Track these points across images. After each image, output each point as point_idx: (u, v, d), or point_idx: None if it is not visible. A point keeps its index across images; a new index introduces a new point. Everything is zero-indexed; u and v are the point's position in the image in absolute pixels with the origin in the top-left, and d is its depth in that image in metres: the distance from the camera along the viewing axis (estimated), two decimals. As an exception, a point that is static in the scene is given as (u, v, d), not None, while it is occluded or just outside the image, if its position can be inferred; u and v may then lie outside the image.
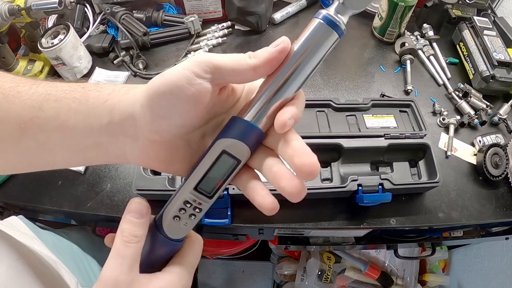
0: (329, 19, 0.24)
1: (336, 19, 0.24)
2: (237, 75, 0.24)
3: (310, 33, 0.24)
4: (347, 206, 0.62)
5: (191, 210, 0.28)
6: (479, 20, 0.84)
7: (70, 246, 0.65)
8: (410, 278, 1.20)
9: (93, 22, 0.85)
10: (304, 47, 0.24)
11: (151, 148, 0.26)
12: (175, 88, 0.23)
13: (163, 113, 0.24)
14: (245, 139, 0.25)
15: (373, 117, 0.67)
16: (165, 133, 0.25)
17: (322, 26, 0.24)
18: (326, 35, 0.24)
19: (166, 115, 0.24)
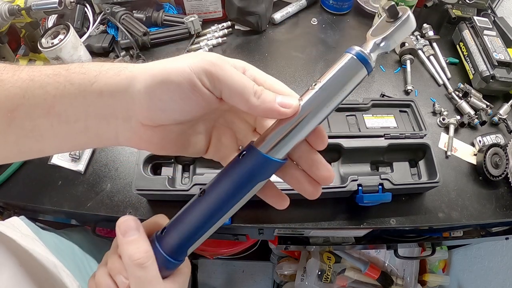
0: (362, 56, 0.25)
1: (369, 56, 0.25)
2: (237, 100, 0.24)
3: (342, 67, 0.25)
4: (347, 206, 0.62)
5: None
6: (479, 20, 0.84)
7: (71, 247, 0.65)
8: (410, 278, 1.20)
9: (93, 22, 0.85)
10: (335, 80, 0.25)
11: (143, 131, 0.26)
12: (179, 88, 0.23)
13: (161, 106, 0.24)
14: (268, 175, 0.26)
15: (373, 117, 0.67)
16: (160, 122, 0.25)
17: (354, 61, 0.25)
18: (357, 71, 0.25)
19: (164, 108, 0.24)
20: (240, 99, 0.24)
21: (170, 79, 0.23)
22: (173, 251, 0.27)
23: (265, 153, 0.25)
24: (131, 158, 0.67)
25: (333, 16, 0.95)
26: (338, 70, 0.25)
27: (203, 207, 0.26)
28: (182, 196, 0.56)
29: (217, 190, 0.26)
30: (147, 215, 0.61)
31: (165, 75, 0.23)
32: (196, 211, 0.27)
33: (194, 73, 0.23)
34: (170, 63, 0.24)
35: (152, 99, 0.24)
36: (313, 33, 0.91)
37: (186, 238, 0.27)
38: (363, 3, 0.95)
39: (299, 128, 0.25)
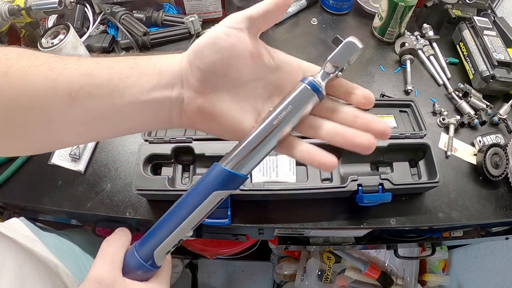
0: (313, 84, 0.28)
1: (319, 85, 0.28)
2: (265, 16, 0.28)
3: (296, 95, 0.28)
4: (347, 206, 0.62)
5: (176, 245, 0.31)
6: (479, 20, 0.84)
7: (71, 248, 0.65)
8: (410, 278, 1.20)
9: (93, 22, 0.85)
10: (289, 107, 0.28)
11: (195, 99, 0.28)
12: (215, 39, 0.27)
13: (207, 61, 0.27)
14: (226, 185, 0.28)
15: (373, 117, 0.67)
16: (211, 83, 0.28)
17: (307, 90, 0.28)
18: (308, 97, 0.28)
19: (210, 63, 0.27)
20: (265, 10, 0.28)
21: (205, 37, 0.27)
22: (145, 255, 0.31)
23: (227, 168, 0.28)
24: (131, 158, 0.67)
25: (333, 16, 0.95)
26: (293, 97, 0.28)
27: (167, 213, 0.30)
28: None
29: (180, 199, 0.30)
30: (147, 215, 0.61)
31: (202, 38, 0.27)
32: (162, 217, 0.31)
33: (221, 25, 0.27)
34: (209, 30, 0.28)
35: (197, 60, 0.27)
36: (313, 33, 0.91)
37: (153, 242, 0.30)
38: (363, 3, 0.95)
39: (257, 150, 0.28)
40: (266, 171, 0.61)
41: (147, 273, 0.32)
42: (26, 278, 0.39)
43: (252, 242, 1.18)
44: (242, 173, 0.28)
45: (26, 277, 0.39)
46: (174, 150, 0.61)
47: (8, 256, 0.39)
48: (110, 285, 0.29)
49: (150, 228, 0.31)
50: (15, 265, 0.39)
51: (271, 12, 0.28)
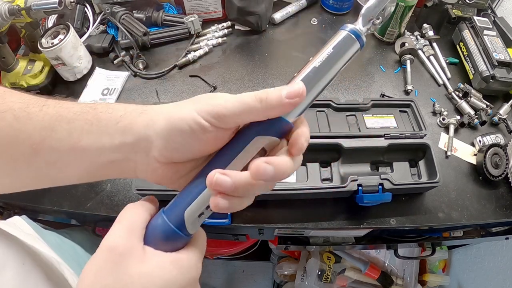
0: (356, 32, 0.27)
1: (361, 32, 0.28)
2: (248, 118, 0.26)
3: (338, 42, 0.27)
4: (347, 206, 0.62)
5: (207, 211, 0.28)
6: (479, 20, 0.84)
7: (73, 247, 0.65)
8: (410, 278, 1.20)
9: (93, 22, 0.85)
10: (332, 53, 0.27)
11: (159, 167, 0.28)
12: (192, 133, 0.26)
13: (176, 147, 0.27)
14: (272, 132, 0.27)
15: (373, 117, 0.67)
16: (174, 160, 0.28)
17: (349, 37, 0.27)
18: (351, 44, 0.28)
19: (179, 149, 0.27)
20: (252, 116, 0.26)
21: (182, 124, 0.26)
22: (174, 218, 0.27)
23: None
24: (131, 158, 0.67)
25: (333, 16, 0.95)
26: (335, 45, 0.27)
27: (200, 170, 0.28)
28: (182, 196, 0.56)
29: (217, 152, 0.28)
30: (147, 215, 0.61)
31: (178, 120, 0.26)
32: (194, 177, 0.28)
33: (202, 117, 0.26)
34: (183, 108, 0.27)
35: (167, 141, 0.26)
36: (313, 33, 0.91)
37: (183, 202, 0.27)
38: (363, 3, 0.95)
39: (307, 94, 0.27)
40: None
41: (176, 241, 0.28)
42: (29, 274, 0.39)
43: (252, 242, 1.18)
44: (288, 119, 0.27)
45: (28, 273, 0.39)
46: (174, 150, 0.61)
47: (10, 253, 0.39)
48: (125, 253, 0.25)
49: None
50: (18, 261, 0.39)
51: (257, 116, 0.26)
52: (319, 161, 0.63)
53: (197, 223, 0.28)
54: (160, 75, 0.81)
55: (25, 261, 0.40)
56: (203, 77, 0.80)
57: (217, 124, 0.26)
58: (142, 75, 0.81)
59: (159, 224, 0.27)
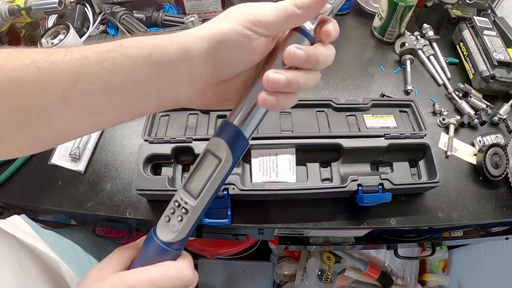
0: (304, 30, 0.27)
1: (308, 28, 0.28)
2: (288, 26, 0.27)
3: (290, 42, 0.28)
4: (347, 206, 0.62)
5: (179, 211, 0.28)
6: (479, 20, 0.84)
7: (72, 246, 0.65)
8: (410, 278, 1.20)
9: (93, 22, 0.85)
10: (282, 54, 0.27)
11: (208, 89, 0.28)
12: (239, 44, 0.26)
13: (224, 61, 0.27)
14: (227, 139, 0.27)
15: (373, 117, 0.67)
16: (224, 77, 0.28)
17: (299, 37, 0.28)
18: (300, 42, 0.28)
19: (227, 63, 0.27)
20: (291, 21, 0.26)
21: (227, 37, 0.26)
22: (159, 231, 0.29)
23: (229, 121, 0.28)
24: (131, 158, 0.67)
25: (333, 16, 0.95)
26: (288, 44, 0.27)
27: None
28: (182, 196, 0.56)
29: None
30: (147, 215, 0.61)
31: (222, 35, 0.26)
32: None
33: (244, 26, 0.26)
34: (221, 24, 0.26)
35: (216, 58, 0.26)
36: (313, 33, 0.91)
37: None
38: (363, 3, 0.95)
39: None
40: (266, 171, 0.61)
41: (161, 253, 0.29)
42: (26, 274, 0.39)
43: (252, 242, 1.18)
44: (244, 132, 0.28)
45: (26, 273, 0.39)
46: (174, 150, 0.61)
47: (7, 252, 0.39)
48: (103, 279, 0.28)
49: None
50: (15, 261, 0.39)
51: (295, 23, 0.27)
52: (319, 161, 0.63)
53: (167, 228, 0.29)
54: (160, 75, 0.81)
55: (23, 260, 0.40)
56: (203, 77, 0.80)
57: (260, 32, 0.26)
58: (142, 75, 0.80)
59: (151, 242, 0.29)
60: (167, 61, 0.26)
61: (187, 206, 0.28)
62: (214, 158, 0.27)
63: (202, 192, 0.28)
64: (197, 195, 0.28)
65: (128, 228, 0.71)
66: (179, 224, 0.28)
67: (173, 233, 0.28)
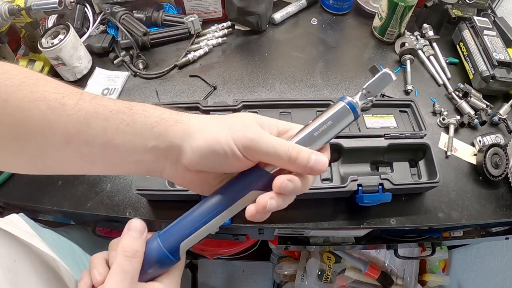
0: (352, 105, 0.30)
1: (357, 105, 0.30)
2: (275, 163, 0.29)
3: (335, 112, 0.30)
4: (347, 206, 0.62)
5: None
6: (479, 20, 0.84)
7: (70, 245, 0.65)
8: (410, 278, 1.20)
9: (93, 22, 0.85)
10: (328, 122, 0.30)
11: (187, 174, 0.30)
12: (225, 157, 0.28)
13: (208, 164, 0.29)
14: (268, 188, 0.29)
15: (373, 117, 0.67)
16: (203, 172, 0.30)
17: (345, 108, 0.30)
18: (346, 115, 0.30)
19: (209, 166, 0.29)
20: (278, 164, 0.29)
21: (218, 148, 0.28)
22: (169, 246, 0.30)
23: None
24: (131, 158, 0.67)
25: (333, 16, 0.95)
26: (332, 114, 0.30)
27: (195, 208, 0.31)
28: (182, 196, 0.56)
29: (211, 196, 0.30)
30: (147, 215, 0.61)
31: (216, 144, 0.28)
32: (189, 211, 0.31)
33: (237, 147, 0.28)
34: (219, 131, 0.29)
35: (201, 158, 0.29)
36: (313, 33, 0.91)
37: (181, 233, 0.30)
38: (363, 3, 0.95)
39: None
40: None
41: (165, 266, 0.31)
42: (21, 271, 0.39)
43: (252, 242, 1.18)
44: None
45: (20, 270, 0.39)
46: (174, 150, 0.60)
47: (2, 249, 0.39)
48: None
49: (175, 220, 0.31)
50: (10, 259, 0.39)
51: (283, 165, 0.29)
52: (319, 161, 0.63)
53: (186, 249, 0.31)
54: (160, 75, 0.81)
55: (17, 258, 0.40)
56: (203, 77, 0.80)
57: (248, 156, 0.28)
58: (142, 75, 0.81)
59: (154, 248, 0.30)
60: (164, 138, 0.29)
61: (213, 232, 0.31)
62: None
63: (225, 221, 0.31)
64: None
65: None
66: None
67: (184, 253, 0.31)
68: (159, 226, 0.69)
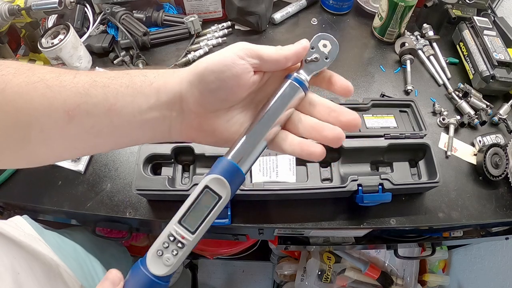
0: (298, 79, 0.30)
1: (302, 78, 0.30)
2: (273, 63, 0.29)
3: (284, 90, 0.30)
4: (347, 206, 0.62)
5: (174, 245, 0.28)
6: (479, 20, 0.84)
7: (73, 247, 0.65)
8: (410, 278, 1.20)
9: (93, 22, 0.85)
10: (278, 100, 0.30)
11: (194, 119, 0.29)
12: (223, 66, 0.27)
13: (210, 87, 0.28)
14: (227, 176, 0.28)
15: (373, 117, 0.67)
16: (210, 106, 0.29)
17: (293, 85, 0.30)
18: (294, 91, 0.30)
19: (213, 90, 0.28)
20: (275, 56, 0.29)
21: (214, 61, 0.27)
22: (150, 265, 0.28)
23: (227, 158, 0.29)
24: (131, 158, 0.67)
25: (333, 16, 0.95)
26: (280, 94, 0.30)
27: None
28: (182, 196, 0.56)
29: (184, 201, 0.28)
30: (147, 215, 0.61)
31: (210, 61, 0.28)
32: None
33: (232, 52, 0.28)
34: (212, 55, 0.28)
35: (201, 83, 0.28)
36: (313, 33, 0.89)
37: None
38: (363, 3, 0.95)
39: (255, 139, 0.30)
40: (266, 171, 0.61)
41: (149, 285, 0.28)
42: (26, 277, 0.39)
43: (252, 242, 1.18)
44: (242, 169, 0.29)
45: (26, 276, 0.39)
46: (174, 150, 0.61)
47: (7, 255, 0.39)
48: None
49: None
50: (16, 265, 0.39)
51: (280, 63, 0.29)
52: (319, 161, 0.63)
53: (159, 263, 0.28)
54: (160, 75, 0.81)
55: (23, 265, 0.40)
56: (203, 77, 0.80)
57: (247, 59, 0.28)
58: (142, 75, 0.80)
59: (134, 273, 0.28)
60: (164, 90, 0.28)
61: (184, 240, 0.28)
62: (213, 196, 0.28)
63: (200, 227, 0.28)
64: (194, 231, 0.28)
65: (128, 228, 0.71)
66: (174, 258, 0.28)
67: (167, 267, 0.28)
68: (159, 226, 0.69)
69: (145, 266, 0.28)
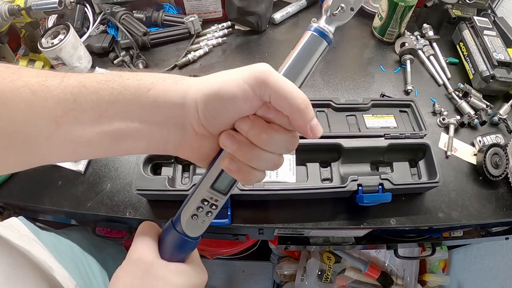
0: (320, 30, 0.27)
1: (326, 30, 0.27)
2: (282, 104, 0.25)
3: (304, 43, 0.27)
4: (347, 206, 0.62)
5: (208, 208, 0.30)
6: (479, 20, 0.84)
7: (70, 247, 0.65)
8: (410, 278, 1.20)
9: (93, 22, 0.85)
10: (300, 55, 0.27)
11: (195, 139, 0.27)
12: (233, 97, 0.24)
13: (216, 113, 0.25)
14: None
15: (373, 117, 0.67)
16: (212, 129, 0.27)
17: (315, 37, 0.27)
18: (318, 44, 0.27)
19: (217, 116, 0.26)
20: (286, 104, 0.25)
21: (224, 89, 0.25)
22: (176, 221, 0.31)
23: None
24: (131, 158, 0.67)
25: (333, 16, 0.95)
26: (302, 47, 0.27)
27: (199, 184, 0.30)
28: (182, 196, 0.56)
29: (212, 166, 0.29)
30: (147, 215, 0.61)
31: (221, 85, 0.25)
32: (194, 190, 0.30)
33: (245, 81, 0.24)
34: (225, 75, 0.25)
35: (207, 108, 0.25)
36: (313, 33, 0.91)
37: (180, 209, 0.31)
38: (363, 3, 0.95)
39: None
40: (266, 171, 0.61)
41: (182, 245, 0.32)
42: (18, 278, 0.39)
43: (252, 242, 1.18)
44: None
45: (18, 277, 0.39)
46: (174, 150, 0.60)
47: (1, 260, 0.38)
48: (150, 264, 0.30)
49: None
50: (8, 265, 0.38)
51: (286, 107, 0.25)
52: (319, 161, 0.63)
53: (195, 225, 0.31)
54: (160, 75, 0.81)
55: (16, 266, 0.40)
56: (203, 77, 0.80)
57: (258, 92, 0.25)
58: (142, 75, 0.80)
59: (166, 229, 0.32)
60: (162, 99, 0.26)
61: (217, 203, 0.30)
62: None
63: (231, 188, 0.30)
64: (226, 192, 0.30)
65: (128, 228, 0.71)
66: (208, 219, 0.31)
67: (202, 228, 0.32)
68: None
69: (182, 232, 0.31)
